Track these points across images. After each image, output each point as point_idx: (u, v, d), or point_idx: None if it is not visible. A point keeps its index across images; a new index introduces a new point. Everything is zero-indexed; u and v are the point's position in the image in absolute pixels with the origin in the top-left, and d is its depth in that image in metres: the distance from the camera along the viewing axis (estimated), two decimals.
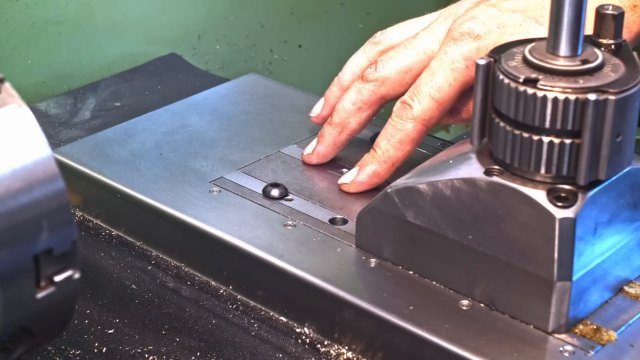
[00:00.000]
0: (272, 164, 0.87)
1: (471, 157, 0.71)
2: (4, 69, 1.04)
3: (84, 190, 0.87)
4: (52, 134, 0.98)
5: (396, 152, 0.81)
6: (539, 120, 0.65)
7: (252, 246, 0.77)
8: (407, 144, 0.81)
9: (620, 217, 0.69)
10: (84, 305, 0.82)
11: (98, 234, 0.86)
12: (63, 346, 0.79)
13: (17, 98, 0.53)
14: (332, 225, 0.79)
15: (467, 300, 0.71)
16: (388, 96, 0.84)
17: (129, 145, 0.90)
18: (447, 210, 0.70)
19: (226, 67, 1.24)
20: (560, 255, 0.65)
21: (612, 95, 0.64)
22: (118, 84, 1.09)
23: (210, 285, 0.79)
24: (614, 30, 0.69)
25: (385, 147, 0.82)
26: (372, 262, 0.75)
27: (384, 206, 0.73)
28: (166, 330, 0.78)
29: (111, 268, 0.83)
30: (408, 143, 0.81)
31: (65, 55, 1.09)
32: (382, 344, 0.70)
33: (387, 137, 0.82)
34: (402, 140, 0.81)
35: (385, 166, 0.82)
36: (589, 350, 0.66)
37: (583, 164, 0.65)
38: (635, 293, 0.72)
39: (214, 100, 0.98)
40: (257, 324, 0.76)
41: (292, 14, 1.30)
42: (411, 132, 0.81)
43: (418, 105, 0.80)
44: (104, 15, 1.11)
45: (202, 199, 0.82)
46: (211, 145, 0.90)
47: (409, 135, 0.81)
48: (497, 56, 0.68)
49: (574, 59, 0.66)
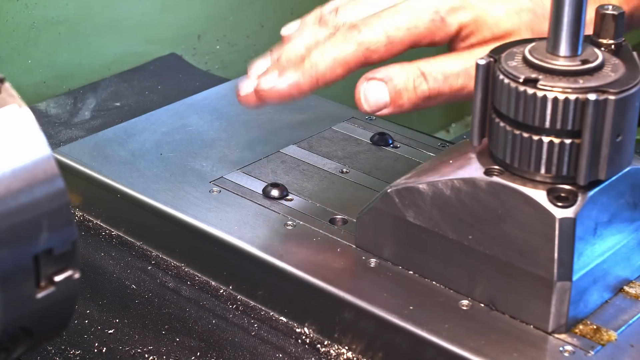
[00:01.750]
0: (272, 164, 0.87)
1: (471, 157, 0.71)
2: (4, 69, 1.04)
3: (84, 190, 0.87)
4: (52, 134, 0.98)
5: (325, 69, 0.74)
6: (539, 120, 0.65)
7: (252, 246, 0.77)
8: (339, 66, 0.74)
9: (620, 217, 0.69)
10: (84, 305, 0.82)
11: (98, 234, 0.86)
12: (63, 346, 0.79)
13: (17, 98, 0.53)
14: (332, 225, 0.79)
15: (467, 300, 0.71)
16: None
17: (129, 145, 0.90)
18: (447, 210, 0.70)
19: (226, 67, 1.25)
20: (560, 255, 0.65)
21: (612, 95, 0.64)
22: (118, 84, 1.09)
23: (210, 285, 0.79)
24: (614, 30, 0.69)
25: (315, 59, 0.74)
26: (372, 262, 0.75)
27: (384, 206, 0.73)
28: (166, 330, 0.78)
29: (111, 268, 0.83)
30: (341, 65, 0.74)
31: (65, 55, 1.09)
32: (382, 344, 0.70)
33: (321, 51, 0.74)
34: (336, 58, 0.74)
35: (309, 79, 0.74)
36: (589, 350, 0.66)
37: (583, 164, 0.65)
38: (635, 293, 0.72)
39: (214, 100, 0.98)
40: (257, 324, 0.76)
41: (292, 14, 1.30)
42: (349, 55, 0.74)
43: (368, 32, 0.74)
44: (104, 15, 1.11)
45: (202, 199, 0.82)
46: (211, 145, 0.90)
47: (345, 57, 0.74)
48: (497, 56, 0.68)
49: (574, 59, 0.66)
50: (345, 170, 0.86)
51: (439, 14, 0.75)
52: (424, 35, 0.75)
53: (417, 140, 0.91)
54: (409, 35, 0.75)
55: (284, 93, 0.75)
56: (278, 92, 0.74)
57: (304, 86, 0.74)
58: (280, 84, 0.74)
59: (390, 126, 0.93)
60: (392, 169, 0.86)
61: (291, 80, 0.74)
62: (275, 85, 0.74)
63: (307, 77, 0.74)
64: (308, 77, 0.74)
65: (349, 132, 0.92)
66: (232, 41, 1.25)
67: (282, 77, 0.74)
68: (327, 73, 0.74)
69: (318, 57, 0.74)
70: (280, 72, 0.74)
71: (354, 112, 0.96)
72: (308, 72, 0.74)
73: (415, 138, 0.91)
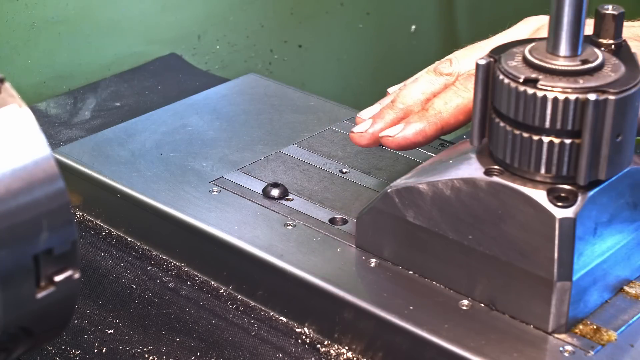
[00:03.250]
0: (272, 164, 0.87)
1: (471, 157, 0.71)
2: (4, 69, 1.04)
3: (84, 190, 0.87)
4: (52, 134, 0.98)
5: (449, 116, 0.77)
6: (539, 120, 0.65)
7: (252, 246, 0.77)
8: (461, 112, 0.77)
9: (620, 217, 0.69)
10: (84, 305, 0.82)
11: (98, 234, 0.86)
12: (63, 346, 0.79)
13: (17, 98, 0.53)
14: (332, 225, 0.79)
15: (467, 300, 0.71)
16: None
17: (129, 145, 0.90)
18: (447, 210, 0.70)
19: (226, 67, 1.25)
20: (560, 255, 0.65)
21: (612, 95, 0.64)
22: (118, 84, 1.09)
23: (210, 285, 0.79)
24: (614, 30, 0.69)
25: (439, 107, 0.77)
26: (372, 262, 0.75)
27: (384, 206, 0.73)
28: (166, 330, 0.78)
29: (111, 268, 0.83)
30: (463, 112, 0.77)
31: (65, 55, 1.09)
32: (382, 344, 0.70)
33: (444, 99, 0.78)
34: (459, 106, 0.77)
35: (434, 127, 0.77)
36: (589, 350, 0.66)
37: (583, 164, 0.65)
38: (635, 293, 0.72)
39: (214, 100, 0.98)
40: (257, 324, 0.76)
41: (292, 14, 1.30)
42: (471, 102, 0.75)
43: None
44: (104, 15, 1.11)
45: (202, 199, 0.82)
46: (211, 145, 0.90)
47: (467, 105, 0.77)
48: (497, 56, 0.68)
49: (574, 59, 0.66)
50: (345, 170, 0.86)
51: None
52: None
53: None
54: None
55: (409, 140, 0.77)
56: (404, 139, 0.77)
57: (429, 133, 0.77)
58: (407, 132, 0.77)
59: None
60: (392, 169, 0.86)
61: (418, 128, 0.77)
62: (401, 132, 0.77)
63: (432, 125, 0.77)
64: (433, 125, 0.77)
65: (349, 132, 0.92)
66: (232, 41, 1.25)
67: (408, 126, 0.77)
68: (450, 120, 0.77)
69: (441, 105, 0.77)
70: (406, 122, 0.78)
71: (354, 112, 0.96)
72: (433, 120, 0.77)
73: None
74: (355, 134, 0.80)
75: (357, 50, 1.39)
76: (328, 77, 1.07)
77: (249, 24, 1.26)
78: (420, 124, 0.77)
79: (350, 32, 1.38)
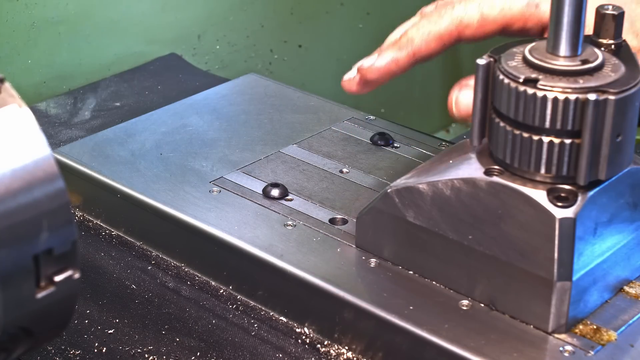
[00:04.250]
0: (272, 164, 0.87)
1: (471, 157, 0.71)
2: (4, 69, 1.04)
3: (84, 190, 0.87)
4: (52, 134, 0.98)
5: (421, 42, 0.77)
6: (539, 120, 0.65)
7: (252, 246, 0.77)
8: (433, 40, 0.78)
9: (620, 217, 0.69)
10: (84, 305, 0.82)
11: (98, 234, 0.86)
12: (63, 346, 0.79)
13: (17, 98, 0.53)
14: (332, 225, 0.79)
15: (467, 300, 0.71)
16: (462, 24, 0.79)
17: (129, 145, 0.90)
18: (447, 210, 0.70)
19: (226, 67, 1.25)
20: (560, 255, 0.65)
21: (612, 95, 0.64)
22: (118, 84, 1.09)
23: (210, 285, 0.79)
24: (614, 30, 0.69)
25: (411, 35, 0.78)
26: (372, 262, 0.75)
27: (384, 206, 0.73)
28: (166, 330, 0.78)
29: (111, 268, 0.83)
30: (435, 39, 0.78)
31: (65, 55, 1.09)
32: (382, 344, 0.70)
33: (417, 27, 0.78)
34: (431, 32, 0.77)
35: (405, 53, 0.78)
36: (589, 350, 0.66)
37: (583, 164, 0.65)
38: (635, 293, 0.72)
39: (214, 100, 0.98)
40: (257, 324, 0.76)
41: (292, 14, 1.30)
42: (442, 28, 0.77)
43: (462, 7, 0.77)
44: (104, 15, 1.11)
45: (202, 199, 0.82)
46: (211, 145, 0.90)
47: (439, 31, 0.77)
48: (497, 56, 0.68)
49: (574, 59, 0.66)
50: (345, 170, 0.86)
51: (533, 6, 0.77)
52: (516, 19, 0.78)
53: (417, 140, 0.91)
54: (502, 16, 0.77)
55: (382, 69, 0.78)
56: (377, 69, 0.78)
57: (402, 61, 0.78)
58: (379, 61, 0.78)
59: (390, 126, 0.93)
60: (392, 169, 0.86)
61: (389, 57, 0.78)
62: (374, 62, 0.78)
63: (404, 52, 0.78)
64: (405, 52, 0.78)
65: (349, 132, 0.92)
66: (232, 41, 1.25)
67: (381, 55, 0.78)
68: (422, 46, 0.78)
69: (414, 32, 0.78)
70: (379, 52, 0.78)
71: (354, 112, 0.96)
72: (404, 47, 0.78)
73: (415, 138, 0.91)
74: (344, 81, 0.81)
75: (357, 50, 1.38)
76: (328, 77, 1.07)
77: (249, 24, 1.26)
78: (392, 52, 0.78)
79: (350, 32, 1.38)
